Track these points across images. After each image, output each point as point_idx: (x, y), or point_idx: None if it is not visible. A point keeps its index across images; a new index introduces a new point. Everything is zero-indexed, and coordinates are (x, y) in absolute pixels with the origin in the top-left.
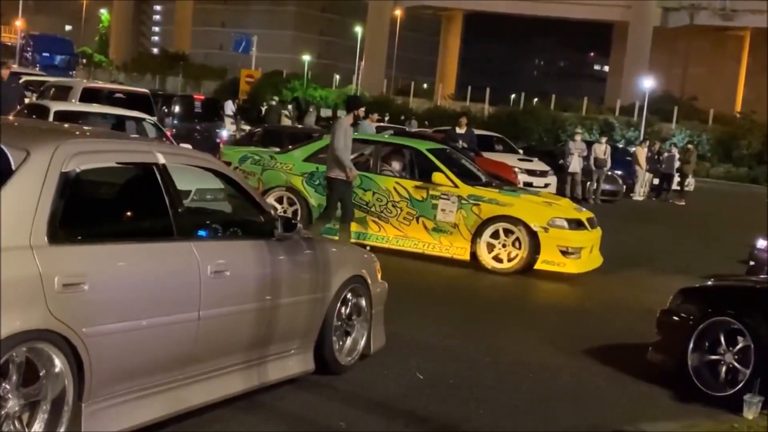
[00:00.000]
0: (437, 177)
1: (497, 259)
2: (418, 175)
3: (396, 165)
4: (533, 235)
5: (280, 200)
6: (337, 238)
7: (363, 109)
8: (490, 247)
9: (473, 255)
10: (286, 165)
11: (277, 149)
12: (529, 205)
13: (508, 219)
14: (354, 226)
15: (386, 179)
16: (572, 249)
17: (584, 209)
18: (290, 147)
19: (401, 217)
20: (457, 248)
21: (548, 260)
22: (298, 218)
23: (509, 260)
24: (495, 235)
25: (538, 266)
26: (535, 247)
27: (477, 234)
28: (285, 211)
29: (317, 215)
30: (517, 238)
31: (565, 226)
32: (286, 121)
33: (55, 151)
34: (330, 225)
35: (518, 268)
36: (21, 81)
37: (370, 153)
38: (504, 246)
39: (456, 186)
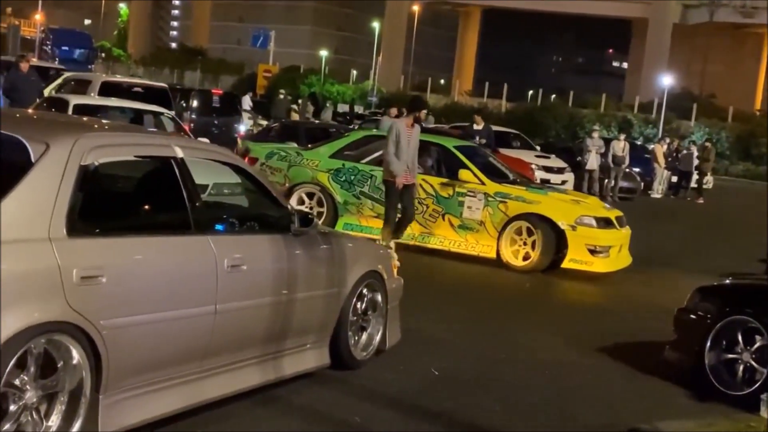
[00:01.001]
0: (464, 174)
1: (525, 257)
2: (444, 172)
3: (423, 162)
4: (560, 234)
5: (309, 196)
6: (377, 236)
7: (425, 111)
8: (513, 245)
9: (499, 253)
10: (313, 161)
11: (294, 144)
12: (557, 203)
13: (535, 217)
14: (377, 223)
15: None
16: (600, 248)
17: (614, 209)
18: (316, 143)
19: (427, 214)
20: (483, 246)
21: (576, 259)
22: (324, 215)
23: (530, 258)
24: (519, 233)
25: (565, 265)
26: (559, 246)
27: (503, 231)
28: (311, 208)
29: (342, 212)
30: (530, 232)
31: (594, 224)
32: (295, 116)
33: (74, 144)
34: (351, 221)
35: (538, 267)
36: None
37: None
38: (525, 244)
39: (483, 183)
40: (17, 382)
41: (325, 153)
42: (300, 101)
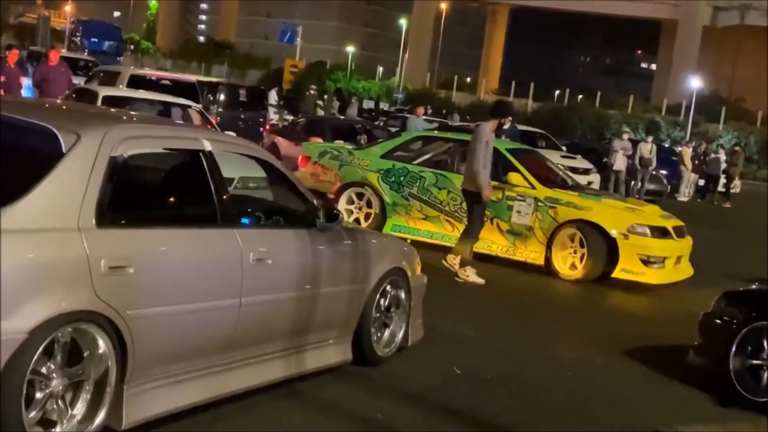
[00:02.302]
0: (513, 177)
1: (572, 266)
2: (495, 174)
3: None
4: (612, 242)
5: (359, 196)
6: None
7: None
8: (564, 251)
9: (548, 260)
10: (363, 161)
11: (320, 140)
12: (609, 210)
13: (585, 224)
14: (425, 225)
15: (462, 178)
16: (654, 258)
17: (674, 217)
18: (369, 143)
19: None
20: (532, 252)
21: (627, 269)
22: (372, 216)
23: (576, 267)
24: (572, 239)
25: (616, 275)
26: (612, 255)
27: (553, 238)
28: (360, 208)
29: (391, 213)
30: (580, 241)
31: (647, 233)
32: (320, 112)
33: (105, 135)
34: (400, 222)
35: (588, 276)
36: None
37: (448, 151)
38: (576, 252)
39: (533, 187)
40: (44, 370)
41: (376, 153)
42: (325, 97)
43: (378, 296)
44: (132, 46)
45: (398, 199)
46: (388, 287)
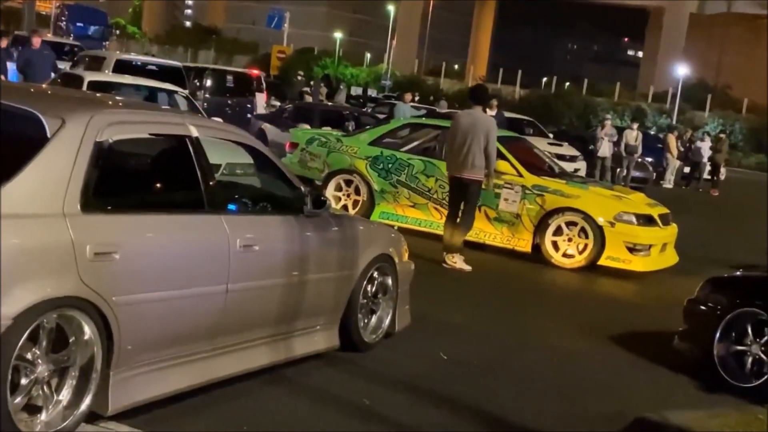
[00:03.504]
0: (501, 165)
1: (566, 255)
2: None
3: None
4: (599, 230)
5: (347, 183)
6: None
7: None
8: (555, 241)
9: (536, 247)
10: (352, 148)
11: (307, 126)
12: (596, 198)
13: (573, 211)
14: (413, 212)
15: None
16: (640, 246)
17: (660, 205)
18: (358, 130)
19: None
20: (519, 240)
21: (613, 256)
22: (360, 203)
23: (579, 253)
24: (559, 229)
25: (602, 262)
26: (601, 242)
27: (539, 226)
28: (348, 195)
29: (379, 200)
30: (582, 229)
31: (633, 221)
32: (308, 98)
33: (90, 120)
34: (388, 209)
35: (586, 263)
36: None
37: (436, 138)
38: (570, 240)
39: (521, 175)
40: (29, 356)
41: (364, 140)
42: (312, 83)
43: (365, 283)
44: (118, 31)
45: (386, 187)
46: (376, 274)
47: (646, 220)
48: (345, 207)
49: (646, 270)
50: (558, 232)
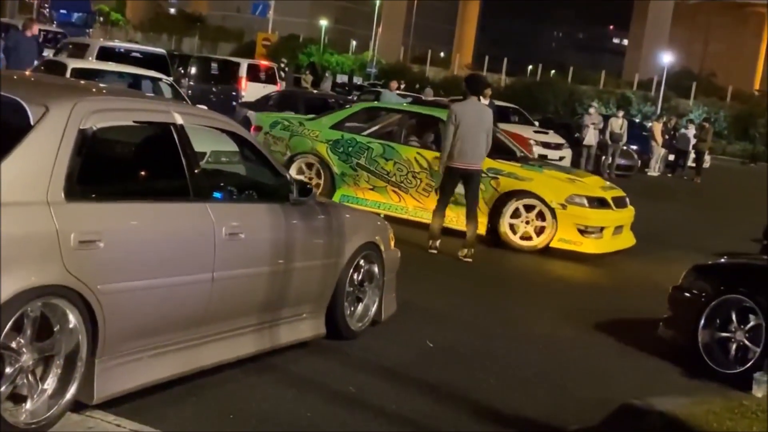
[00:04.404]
0: None
1: (524, 237)
2: (437, 146)
3: (421, 135)
4: (551, 212)
5: (308, 167)
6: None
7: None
8: (513, 224)
9: (491, 230)
10: (313, 132)
11: (292, 113)
12: (549, 181)
13: (525, 194)
14: (372, 195)
15: (408, 149)
16: (591, 228)
17: (616, 188)
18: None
19: (420, 188)
20: None
21: (565, 239)
22: (321, 186)
23: (537, 235)
24: (517, 212)
25: (554, 244)
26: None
27: (495, 209)
28: (310, 179)
29: (339, 183)
30: (540, 212)
31: (585, 204)
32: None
33: (73, 107)
34: (348, 193)
35: (543, 246)
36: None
37: (397, 122)
38: (528, 223)
39: None
40: (14, 344)
41: (326, 124)
42: (307, 72)
43: (351, 271)
44: (101, 18)
45: (346, 170)
46: (362, 262)
47: (599, 203)
48: None
49: (599, 252)
50: (516, 214)
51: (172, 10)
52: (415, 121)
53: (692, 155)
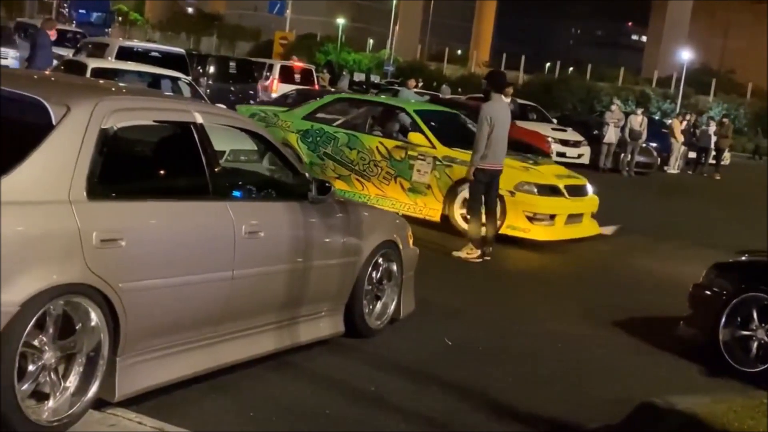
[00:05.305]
0: (414, 137)
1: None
2: (402, 135)
3: (385, 125)
4: (500, 199)
5: None
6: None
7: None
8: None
9: (445, 217)
10: (286, 122)
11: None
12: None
13: None
14: (338, 183)
15: (371, 138)
16: (540, 215)
17: (578, 176)
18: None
19: (381, 176)
20: (430, 209)
21: (512, 225)
22: None
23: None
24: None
25: (503, 231)
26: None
27: (448, 196)
28: None
29: (308, 171)
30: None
31: (534, 191)
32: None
33: (95, 107)
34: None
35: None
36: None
37: (363, 113)
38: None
39: (434, 147)
40: (36, 342)
41: (298, 114)
42: (324, 70)
43: (370, 269)
44: (120, 18)
45: (314, 159)
46: (380, 260)
47: (550, 191)
48: None
49: (549, 239)
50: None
51: (190, 10)
52: (380, 112)
53: (713, 152)
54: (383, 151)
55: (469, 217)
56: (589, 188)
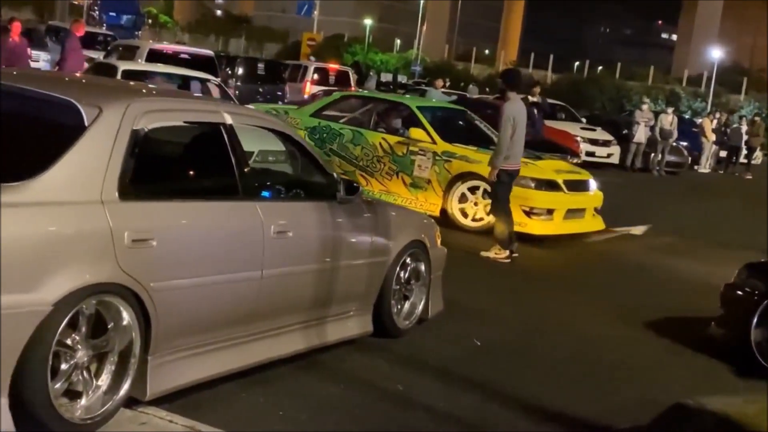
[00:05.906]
0: (415, 132)
1: (475, 219)
2: (405, 131)
3: (389, 121)
4: None
5: None
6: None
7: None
8: (463, 204)
9: (444, 212)
10: (295, 120)
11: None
12: None
13: (474, 176)
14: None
15: (374, 134)
16: (537, 210)
17: (581, 172)
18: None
19: (384, 171)
20: (430, 204)
21: None
22: None
23: (488, 215)
24: (471, 190)
25: None
26: None
27: (448, 191)
28: None
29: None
30: (486, 191)
31: (531, 186)
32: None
33: (127, 108)
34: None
35: (491, 225)
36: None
37: (368, 109)
38: (477, 204)
39: (434, 142)
40: (69, 341)
41: (307, 112)
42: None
43: (398, 269)
44: (150, 20)
45: (321, 155)
46: (408, 260)
47: (548, 185)
48: None
49: (546, 233)
50: (464, 198)
51: (219, 12)
52: (384, 108)
53: (744, 151)
54: (386, 147)
55: (494, 218)
56: (592, 184)
